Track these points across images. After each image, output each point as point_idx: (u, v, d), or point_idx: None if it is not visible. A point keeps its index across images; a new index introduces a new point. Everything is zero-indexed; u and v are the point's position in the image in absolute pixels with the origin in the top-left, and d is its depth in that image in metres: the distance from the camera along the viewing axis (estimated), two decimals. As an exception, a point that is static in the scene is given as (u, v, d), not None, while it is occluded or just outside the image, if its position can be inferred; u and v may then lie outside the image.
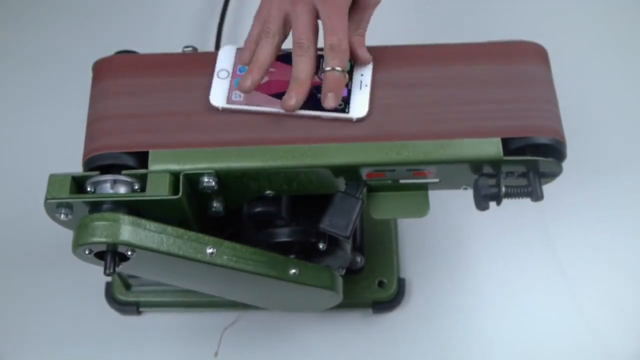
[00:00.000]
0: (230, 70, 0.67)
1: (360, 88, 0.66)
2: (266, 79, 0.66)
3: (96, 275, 0.71)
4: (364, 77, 0.66)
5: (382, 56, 0.68)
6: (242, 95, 0.65)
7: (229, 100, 0.65)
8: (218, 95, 0.65)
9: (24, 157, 0.99)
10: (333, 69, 0.63)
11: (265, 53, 0.65)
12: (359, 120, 0.64)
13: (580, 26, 1.08)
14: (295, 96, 0.63)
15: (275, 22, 0.65)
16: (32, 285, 0.91)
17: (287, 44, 0.67)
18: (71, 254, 0.62)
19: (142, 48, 0.71)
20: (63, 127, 0.92)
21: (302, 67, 0.64)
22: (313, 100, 0.65)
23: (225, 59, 0.68)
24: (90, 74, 0.69)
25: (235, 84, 0.66)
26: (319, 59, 0.66)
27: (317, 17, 0.64)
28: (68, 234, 0.63)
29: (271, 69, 0.66)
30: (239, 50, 0.68)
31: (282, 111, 0.64)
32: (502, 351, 0.88)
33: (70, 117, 0.78)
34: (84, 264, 0.64)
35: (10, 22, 1.09)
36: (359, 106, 0.65)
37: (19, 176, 0.97)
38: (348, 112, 0.65)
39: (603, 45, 1.06)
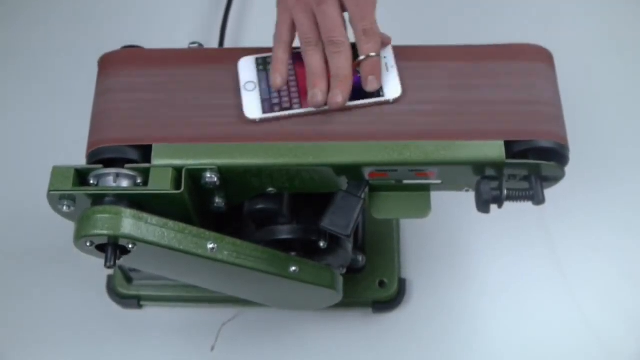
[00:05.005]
0: (256, 80, 0.66)
1: (388, 70, 0.66)
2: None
3: (98, 269, 0.71)
4: (387, 58, 0.67)
5: None
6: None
7: (264, 110, 0.65)
8: (252, 108, 0.65)
9: (27, 151, 0.99)
10: (368, 56, 0.64)
11: (318, 61, 0.64)
12: (396, 100, 0.65)
13: (584, 29, 1.08)
14: (341, 92, 0.63)
15: (311, 30, 0.64)
16: (33, 278, 0.91)
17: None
18: (73, 247, 0.62)
19: (148, 44, 0.72)
20: (68, 120, 0.92)
21: (342, 64, 0.64)
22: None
23: (247, 71, 0.67)
24: (95, 68, 0.69)
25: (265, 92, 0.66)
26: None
27: (342, 9, 0.64)
28: (70, 228, 0.63)
29: (291, 70, 0.66)
30: (257, 59, 0.67)
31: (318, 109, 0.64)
32: (503, 351, 0.88)
33: (75, 111, 0.79)
34: (86, 256, 0.64)
35: (16, 17, 1.10)
36: (392, 87, 0.65)
37: (22, 170, 0.97)
38: (384, 96, 0.65)
39: (606, 49, 1.06)
